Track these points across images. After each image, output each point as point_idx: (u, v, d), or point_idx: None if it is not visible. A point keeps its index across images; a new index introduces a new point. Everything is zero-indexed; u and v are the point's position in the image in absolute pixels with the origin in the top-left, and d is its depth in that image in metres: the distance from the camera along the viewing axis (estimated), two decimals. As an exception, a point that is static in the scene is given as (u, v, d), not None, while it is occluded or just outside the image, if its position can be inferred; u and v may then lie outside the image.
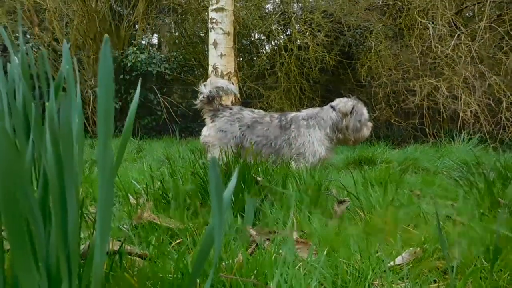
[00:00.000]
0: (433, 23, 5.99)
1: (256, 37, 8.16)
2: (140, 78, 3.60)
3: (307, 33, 6.83)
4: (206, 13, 7.18)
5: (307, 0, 7.30)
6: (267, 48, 7.99)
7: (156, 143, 6.30)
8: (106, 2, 7.48)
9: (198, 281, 0.87)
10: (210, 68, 5.13)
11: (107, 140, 0.64)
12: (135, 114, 0.74)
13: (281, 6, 7.39)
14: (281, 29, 7.31)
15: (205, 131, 3.37)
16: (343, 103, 3.19)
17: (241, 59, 8.07)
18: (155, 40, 9.79)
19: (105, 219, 0.64)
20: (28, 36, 7.52)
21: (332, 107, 3.22)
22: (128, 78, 7.39)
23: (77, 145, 0.71)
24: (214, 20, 5.08)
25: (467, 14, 6.91)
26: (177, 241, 1.21)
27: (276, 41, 7.47)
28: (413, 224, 1.55)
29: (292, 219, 1.44)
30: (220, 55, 5.09)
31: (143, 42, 8.72)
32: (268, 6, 7.70)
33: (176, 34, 9.07)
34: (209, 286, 0.67)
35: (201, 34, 8.46)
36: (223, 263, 0.98)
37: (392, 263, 1.13)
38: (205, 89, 3.32)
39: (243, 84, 7.11)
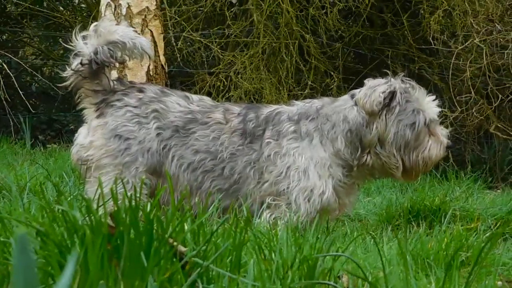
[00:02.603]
0: None
1: None
2: None
3: None
4: None
5: None
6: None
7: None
8: None
9: None
10: (105, -1, 5.17)
11: None
12: None
13: None
14: None
15: (83, 135, 3.38)
16: (367, 88, 3.29)
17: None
18: None
19: None
20: None
21: (353, 97, 3.33)
22: None
23: None
24: None
25: None
26: None
27: None
28: None
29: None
30: (128, -28, 5.13)
31: None
32: None
33: None
34: None
35: None
36: None
37: None
38: (86, 46, 3.34)
39: (176, 36, 7.14)
